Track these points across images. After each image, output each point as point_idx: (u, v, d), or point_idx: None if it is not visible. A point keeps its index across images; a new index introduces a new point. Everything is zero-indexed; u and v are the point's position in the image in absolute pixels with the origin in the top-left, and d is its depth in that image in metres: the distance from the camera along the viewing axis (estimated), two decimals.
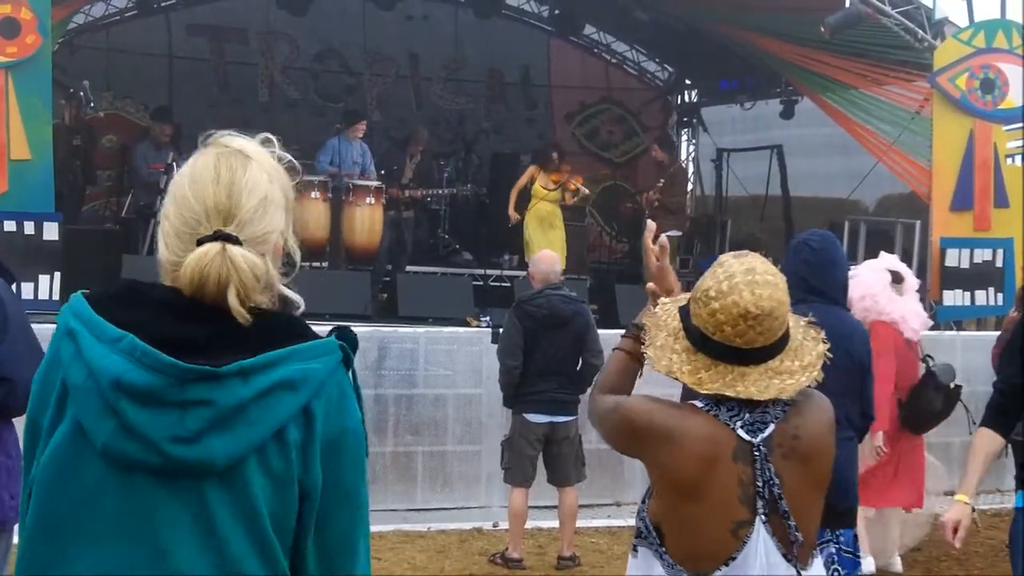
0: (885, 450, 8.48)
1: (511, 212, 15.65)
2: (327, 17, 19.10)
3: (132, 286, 2.35)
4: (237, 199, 2.34)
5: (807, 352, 3.41)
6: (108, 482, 2.21)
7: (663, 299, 3.61)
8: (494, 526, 10.14)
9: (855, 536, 5.72)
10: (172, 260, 2.33)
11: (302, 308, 2.44)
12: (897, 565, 9.06)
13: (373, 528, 8.89)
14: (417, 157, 16.17)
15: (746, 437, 3.32)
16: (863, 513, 8.57)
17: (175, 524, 2.21)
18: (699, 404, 3.38)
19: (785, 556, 3.31)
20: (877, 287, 8.69)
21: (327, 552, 2.36)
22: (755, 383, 3.30)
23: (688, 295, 3.55)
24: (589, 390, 3.76)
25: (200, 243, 2.28)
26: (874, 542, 8.83)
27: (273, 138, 2.50)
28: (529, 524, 9.39)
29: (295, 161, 2.53)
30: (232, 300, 2.25)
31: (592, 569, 9.06)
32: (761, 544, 3.29)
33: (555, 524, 9.50)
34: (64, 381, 2.24)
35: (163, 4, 18.94)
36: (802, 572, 3.35)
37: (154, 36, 18.62)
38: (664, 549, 3.38)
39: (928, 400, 8.96)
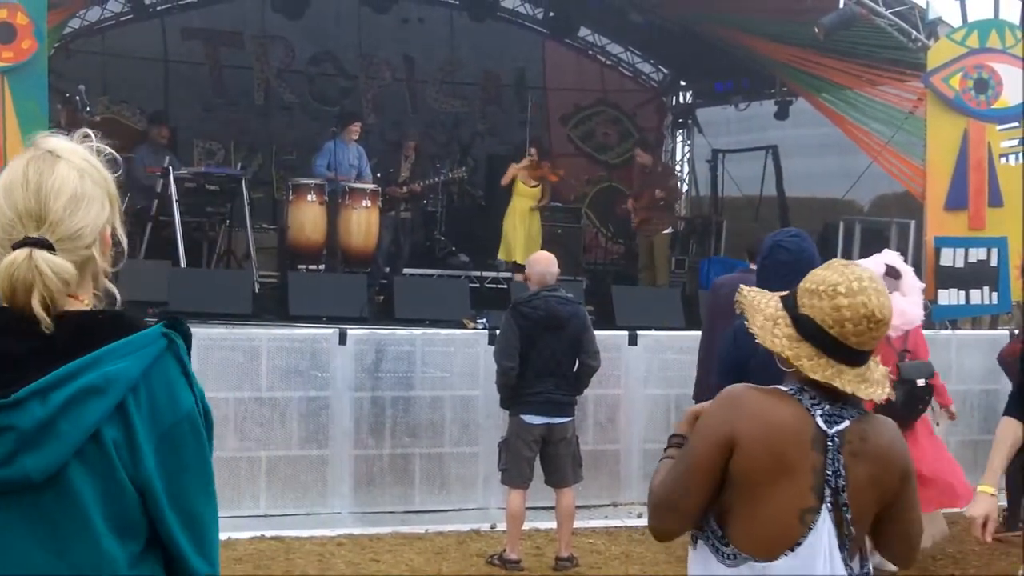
0: None
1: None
2: (322, 20, 19.13)
3: None
4: (45, 202, 2.40)
5: (876, 367, 3.53)
6: None
7: (752, 288, 3.69)
8: (492, 528, 10.16)
9: None
10: None
11: (118, 301, 2.52)
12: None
13: (371, 530, 8.91)
14: (412, 157, 16.23)
15: (823, 426, 3.41)
16: None
17: (15, 535, 2.30)
18: (784, 389, 3.48)
19: (840, 548, 3.41)
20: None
21: (196, 536, 2.44)
22: (850, 383, 3.42)
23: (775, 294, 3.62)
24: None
25: (14, 249, 2.36)
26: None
27: (91, 133, 2.56)
28: (526, 525, 9.41)
29: (115, 154, 2.59)
30: (35, 307, 2.32)
31: (590, 570, 9.08)
32: (826, 534, 3.39)
33: (552, 525, 9.52)
34: None
35: (158, 8, 18.98)
36: (851, 565, 3.44)
37: (149, 40, 18.65)
38: (725, 540, 3.45)
39: (919, 396, 9.00)
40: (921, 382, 9.00)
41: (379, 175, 15.46)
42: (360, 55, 19.99)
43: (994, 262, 13.53)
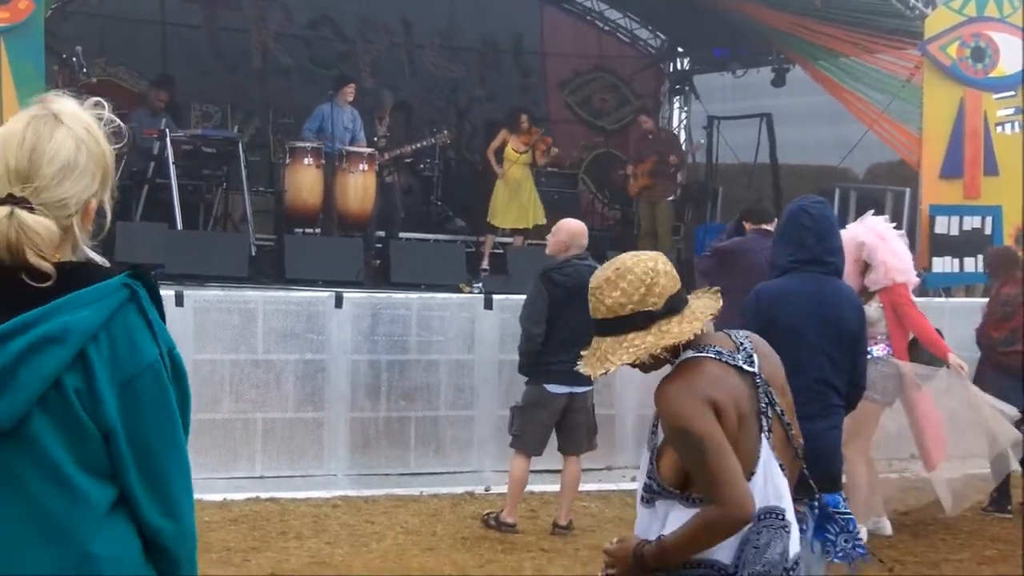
0: (963, 367, 8.93)
1: (495, 167, 15.92)
2: None
3: None
4: (37, 164, 2.43)
5: (631, 340, 3.73)
6: None
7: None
8: (486, 490, 10.23)
9: (843, 499, 5.78)
10: None
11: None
12: (887, 528, 9.18)
13: (366, 492, 8.98)
14: (387, 120, 16.18)
15: (746, 368, 3.67)
16: (857, 481, 8.72)
17: None
18: (703, 354, 3.67)
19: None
20: (908, 254, 9.06)
21: (155, 487, 2.45)
22: (585, 355, 3.90)
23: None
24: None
25: None
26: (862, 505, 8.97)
27: (104, 102, 2.59)
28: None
29: (123, 125, 2.62)
30: (34, 259, 2.36)
31: (584, 533, 9.13)
32: (764, 451, 3.62)
33: (548, 488, 9.60)
34: None
35: None
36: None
37: (147, 2, 18.55)
38: (691, 494, 3.56)
39: (925, 361, 9.16)
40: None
41: (376, 139, 15.47)
42: (358, 19, 19.90)
43: (988, 230, 13.60)
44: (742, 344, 3.71)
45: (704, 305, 3.73)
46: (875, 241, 8.87)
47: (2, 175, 2.43)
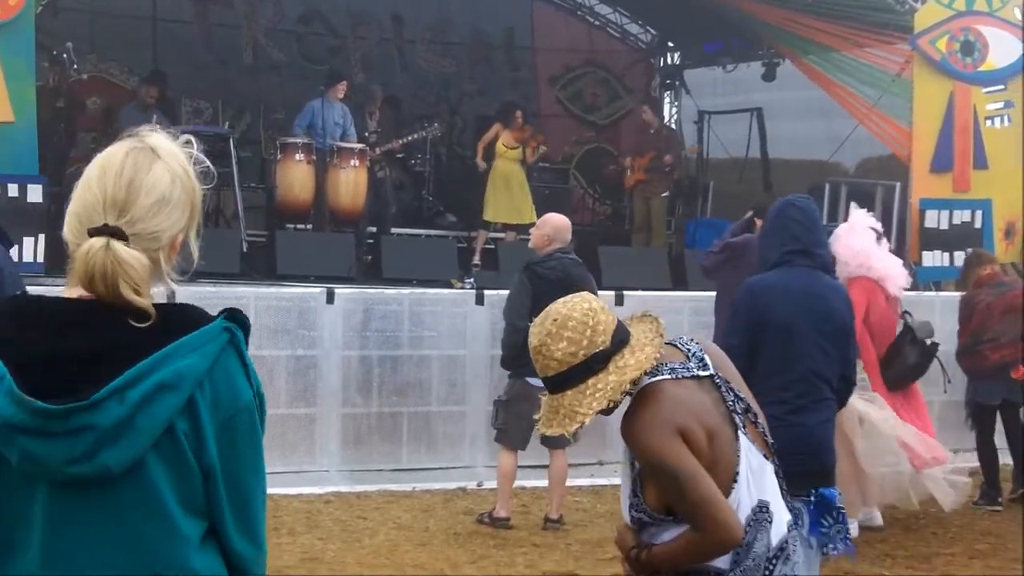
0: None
1: (479, 160, 16.01)
2: None
3: (22, 304, 2.48)
4: (134, 195, 2.47)
5: (574, 398, 3.66)
6: (27, 491, 2.39)
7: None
8: (478, 486, 10.26)
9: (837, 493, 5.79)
10: (71, 241, 2.47)
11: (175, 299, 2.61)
12: (877, 519, 9.23)
13: (359, 488, 9.00)
14: (377, 115, 16.17)
15: (702, 374, 3.64)
16: (843, 473, 8.75)
17: (95, 525, 2.40)
18: (659, 377, 3.60)
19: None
20: (870, 246, 9.02)
21: (244, 519, 2.53)
22: (544, 415, 3.73)
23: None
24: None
25: (90, 234, 2.42)
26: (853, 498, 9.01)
27: (194, 140, 2.65)
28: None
29: (211, 166, 2.66)
30: (128, 294, 2.40)
31: (576, 528, 9.17)
32: (743, 448, 3.60)
33: (539, 483, 9.61)
34: None
35: None
36: None
37: None
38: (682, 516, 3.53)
39: (904, 355, 9.17)
40: (927, 341, 9.30)
41: (367, 134, 15.46)
42: (349, 14, 19.90)
43: (978, 224, 13.63)
44: (690, 351, 3.68)
45: (646, 330, 3.69)
46: (839, 234, 8.97)
47: (99, 203, 2.45)
